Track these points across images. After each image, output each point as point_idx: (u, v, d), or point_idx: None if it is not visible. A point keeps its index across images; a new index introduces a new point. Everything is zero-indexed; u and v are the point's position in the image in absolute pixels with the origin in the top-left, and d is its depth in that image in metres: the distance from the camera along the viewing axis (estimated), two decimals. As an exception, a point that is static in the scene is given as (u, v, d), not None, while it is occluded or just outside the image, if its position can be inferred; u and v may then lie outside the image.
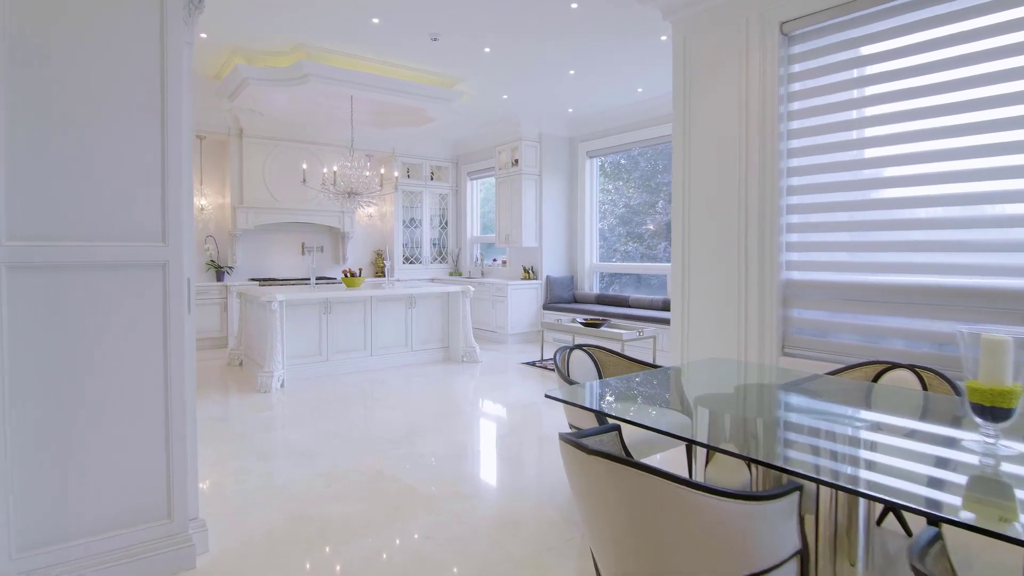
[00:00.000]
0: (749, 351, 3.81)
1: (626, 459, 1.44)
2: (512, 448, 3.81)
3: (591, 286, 8.20)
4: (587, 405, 2.23)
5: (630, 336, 5.67)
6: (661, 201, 7.79)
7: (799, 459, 1.72)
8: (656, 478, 1.42)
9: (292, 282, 8.22)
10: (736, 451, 1.75)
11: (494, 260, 9.29)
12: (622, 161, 8.21)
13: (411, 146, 9.48)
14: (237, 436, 4.05)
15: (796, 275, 3.62)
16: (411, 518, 2.77)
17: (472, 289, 6.66)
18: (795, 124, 3.60)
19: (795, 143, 3.60)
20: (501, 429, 4.26)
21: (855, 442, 1.88)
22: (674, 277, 4.30)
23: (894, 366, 2.67)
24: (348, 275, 6.59)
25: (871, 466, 1.68)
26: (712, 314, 4.03)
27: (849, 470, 1.65)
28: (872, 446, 1.85)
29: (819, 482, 1.47)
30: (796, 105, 3.61)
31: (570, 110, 7.64)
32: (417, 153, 9.59)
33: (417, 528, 2.67)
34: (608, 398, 2.38)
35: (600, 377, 3.20)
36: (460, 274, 9.90)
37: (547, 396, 2.26)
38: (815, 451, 1.80)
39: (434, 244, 9.95)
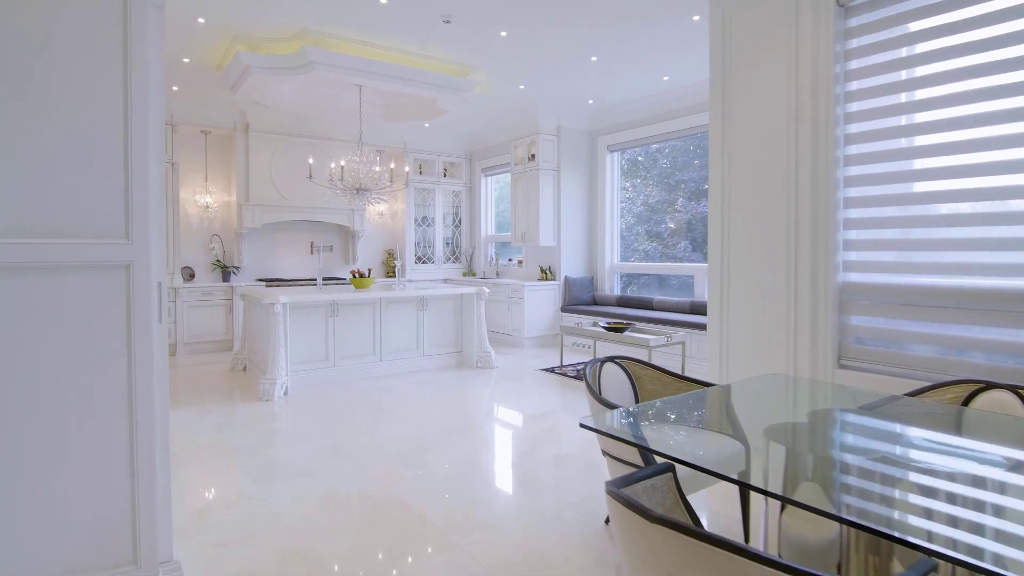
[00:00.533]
0: (799, 362, 3.40)
1: (707, 535, 1.06)
2: (532, 468, 3.43)
3: (612, 287, 7.79)
4: (627, 437, 1.85)
5: (657, 342, 5.26)
6: (681, 199, 7.38)
7: (901, 502, 1.32)
8: (753, 563, 1.03)
9: (301, 283, 7.92)
10: (832, 510, 1.36)
11: (509, 260, 8.93)
12: (639, 158, 7.81)
13: (423, 141, 9.14)
14: (232, 452, 3.71)
15: (855, 277, 3.20)
16: (419, 556, 2.41)
17: (487, 290, 6.29)
18: (854, 106, 3.18)
19: (854, 128, 3.18)
20: (520, 445, 3.88)
21: (979, 483, 1.48)
22: (712, 280, 3.89)
23: (989, 386, 2.25)
24: (357, 275, 6.25)
25: (1004, 515, 1.28)
26: (755, 321, 3.62)
27: (974, 520, 1.25)
28: (1003, 490, 1.45)
29: (971, 568, 1.08)
30: (855, 85, 3.18)
31: (590, 101, 7.24)
32: (429, 149, 9.24)
33: (425, 571, 2.30)
34: (653, 428, 2.00)
35: (636, 395, 2.81)
36: (474, 274, 9.55)
37: (581, 425, 1.88)
38: (927, 497, 1.40)
39: (447, 243, 9.60)
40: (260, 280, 7.96)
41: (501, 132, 8.59)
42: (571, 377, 5.78)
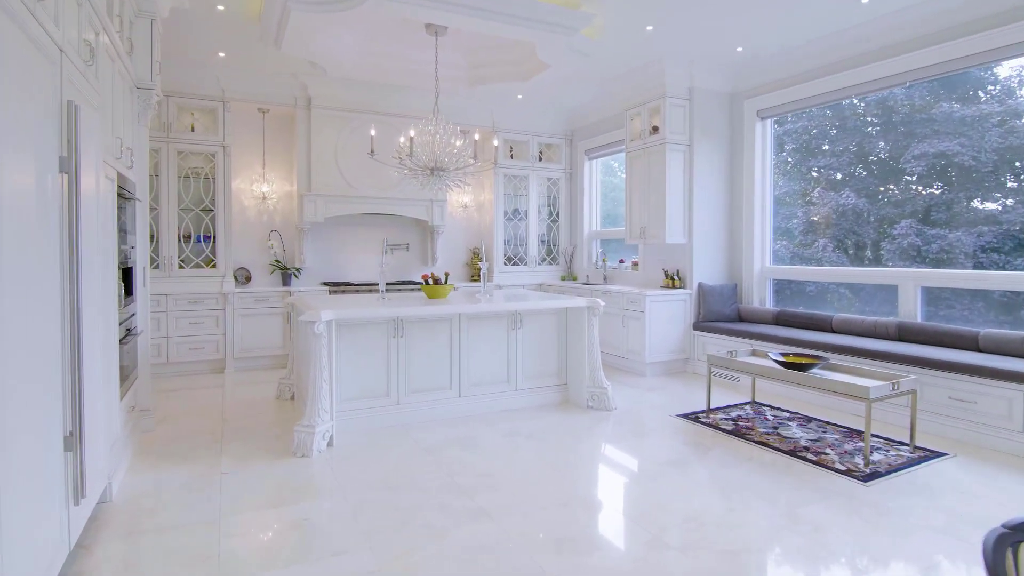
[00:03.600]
0: None
1: None
2: None
3: (763, 299, 5.88)
4: None
5: (880, 391, 3.38)
6: (818, 188, 5.47)
7: None
8: None
9: (374, 288, 6.62)
10: None
11: (621, 262, 7.19)
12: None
13: (514, 117, 7.58)
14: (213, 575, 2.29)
15: None
16: None
17: (602, 304, 4.62)
18: None
19: None
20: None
21: None
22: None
23: None
24: (430, 282, 4.79)
25: None
26: None
27: None
28: None
29: None
30: None
31: (740, 49, 5.38)
32: (521, 127, 7.68)
33: None
34: None
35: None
36: (575, 278, 7.89)
37: None
38: None
39: (542, 241, 8.01)
40: (325, 284, 6.73)
41: (613, 101, 6.88)
42: (727, 432, 3.99)
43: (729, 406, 4.62)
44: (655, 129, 6.06)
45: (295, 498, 3.00)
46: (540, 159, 7.87)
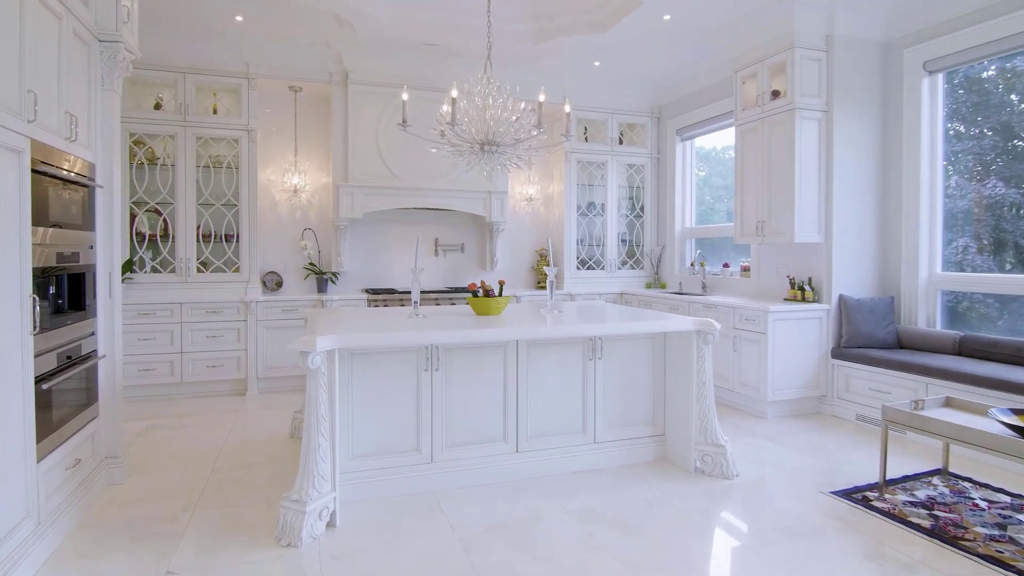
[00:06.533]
0: None
1: None
2: None
3: (931, 318, 4.32)
4: None
5: None
6: (955, 177, 4.08)
7: None
8: None
9: (427, 295, 5.59)
10: None
11: (725, 266, 5.76)
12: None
13: (590, 92, 6.31)
14: None
15: None
16: None
17: (717, 326, 3.28)
18: None
19: None
20: None
21: None
22: None
23: None
24: (480, 293, 3.61)
25: None
26: None
27: None
28: None
29: None
30: None
31: (908, -27, 3.90)
32: (598, 104, 6.40)
33: None
34: None
35: None
36: (664, 286, 6.53)
37: None
38: None
39: (623, 240, 6.69)
40: (365, 291, 5.74)
41: (716, 60, 5.49)
42: (924, 531, 2.57)
43: (907, 478, 3.17)
44: (776, 94, 4.63)
45: (245, 645, 1.89)
46: (620, 142, 6.56)
